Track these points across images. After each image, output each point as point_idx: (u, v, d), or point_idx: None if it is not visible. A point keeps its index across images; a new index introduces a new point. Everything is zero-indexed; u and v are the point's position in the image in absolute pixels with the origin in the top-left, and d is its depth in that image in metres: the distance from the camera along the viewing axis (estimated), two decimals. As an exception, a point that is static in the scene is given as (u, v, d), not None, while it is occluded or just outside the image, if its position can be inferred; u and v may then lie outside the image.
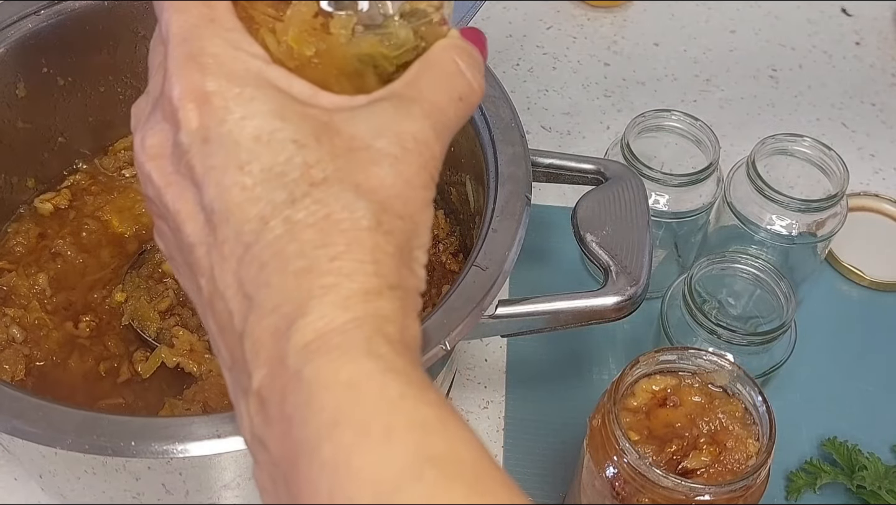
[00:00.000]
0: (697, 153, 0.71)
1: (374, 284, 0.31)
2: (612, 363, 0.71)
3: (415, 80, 0.36)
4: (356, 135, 0.34)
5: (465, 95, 0.37)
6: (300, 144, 0.32)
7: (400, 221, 0.33)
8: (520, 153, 0.58)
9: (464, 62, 0.37)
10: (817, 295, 0.76)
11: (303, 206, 0.32)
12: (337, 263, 0.31)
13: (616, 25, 0.99)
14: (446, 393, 0.67)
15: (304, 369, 0.30)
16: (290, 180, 0.32)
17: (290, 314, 0.31)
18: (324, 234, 0.31)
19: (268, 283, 0.31)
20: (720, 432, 0.52)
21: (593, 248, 0.56)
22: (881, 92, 0.94)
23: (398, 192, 0.33)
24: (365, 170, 0.33)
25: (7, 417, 0.45)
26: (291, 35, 0.35)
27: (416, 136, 0.35)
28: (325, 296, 0.31)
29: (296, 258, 0.31)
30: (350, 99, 0.35)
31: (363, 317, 0.31)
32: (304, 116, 0.33)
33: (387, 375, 0.30)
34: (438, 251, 0.69)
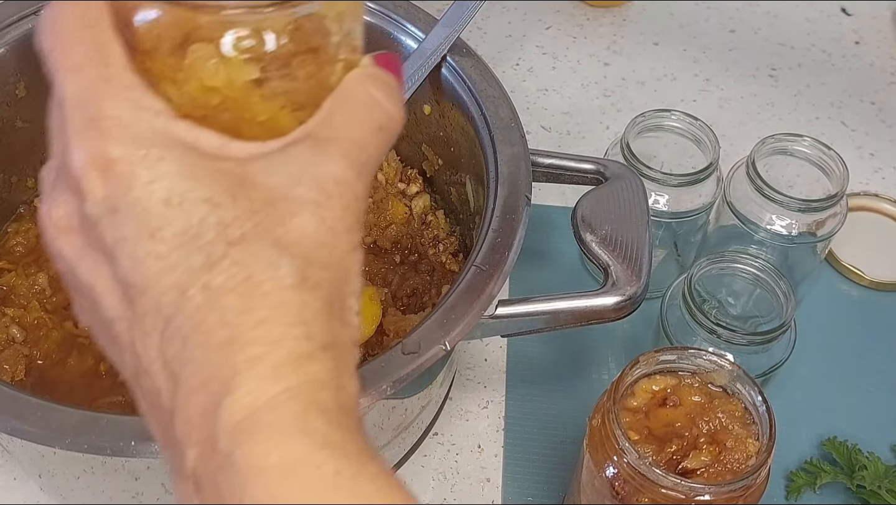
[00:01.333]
0: (697, 153, 0.71)
1: (304, 349, 0.30)
2: (612, 363, 0.71)
3: (329, 118, 0.34)
4: (273, 185, 0.32)
5: (384, 125, 0.35)
6: (214, 203, 0.30)
7: (326, 272, 0.31)
8: (520, 153, 0.58)
9: (379, 91, 0.35)
10: (817, 295, 0.76)
11: (221, 270, 0.30)
12: (262, 330, 0.29)
13: (615, 25, 0.99)
14: (446, 393, 0.67)
15: (235, 452, 0.28)
16: (206, 242, 0.30)
17: (218, 392, 0.29)
18: (246, 299, 0.29)
19: (192, 358, 0.29)
20: (720, 432, 0.52)
21: (593, 248, 0.56)
22: (881, 91, 0.94)
23: (322, 241, 0.32)
24: (285, 222, 0.31)
25: (7, 417, 0.45)
26: (194, 85, 0.33)
27: (337, 178, 0.32)
28: (252, 369, 0.29)
29: (218, 328, 0.29)
30: (262, 145, 0.33)
31: (295, 387, 0.29)
32: (216, 172, 0.31)
33: (322, 452, 0.28)
34: (438, 251, 0.69)
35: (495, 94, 0.62)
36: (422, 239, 0.70)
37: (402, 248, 0.70)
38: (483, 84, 0.62)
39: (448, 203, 0.72)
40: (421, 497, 0.64)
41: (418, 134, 0.71)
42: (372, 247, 0.69)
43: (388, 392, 0.47)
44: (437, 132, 0.68)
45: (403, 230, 0.70)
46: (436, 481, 0.64)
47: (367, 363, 0.48)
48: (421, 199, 0.72)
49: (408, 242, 0.70)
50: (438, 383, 0.63)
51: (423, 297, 0.67)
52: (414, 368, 0.48)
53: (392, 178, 0.73)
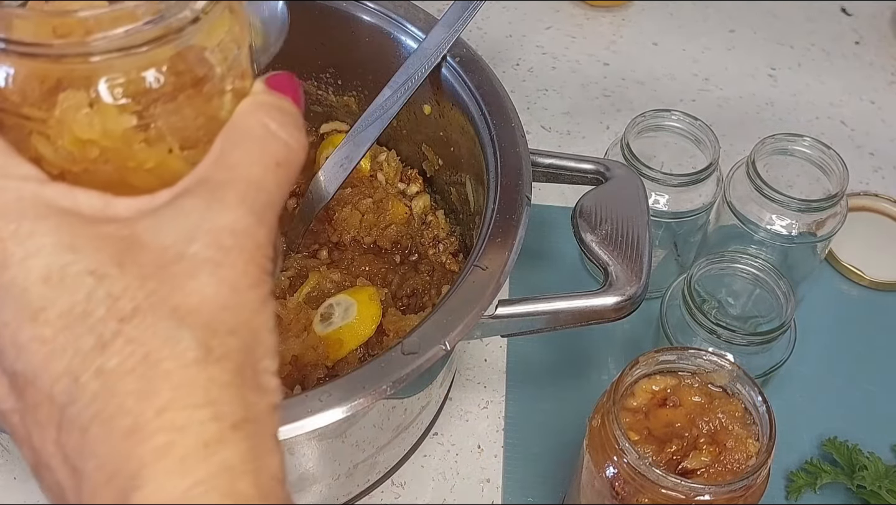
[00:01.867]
0: (697, 153, 0.71)
1: (212, 432, 0.27)
2: (612, 363, 0.71)
3: (221, 157, 0.31)
4: (165, 245, 0.28)
5: (283, 159, 0.32)
6: (99, 275, 0.27)
7: (233, 338, 0.28)
8: (520, 153, 0.58)
9: (274, 121, 0.32)
10: (817, 295, 0.76)
11: (115, 350, 0.27)
12: (165, 417, 0.27)
13: (615, 25, 0.99)
14: (446, 393, 0.67)
15: None
16: (97, 321, 0.27)
17: (125, 488, 0.26)
18: (146, 381, 0.27)
19: (94, 452, 0.27)
20: (720, 432, 0.51)
21: (593, 248, 0.56)
22: (881, 90, 0.94)
23: (224, 304, 0.28)
24: (182, 287, 0.28)
25: (6, 417, 0.45)
26: (68, 139, 0.29)
27: (234, 229, 0.29)
28: (159, 461, 0.26)
29: (119, 417, 0.26)
30: (151, 199, 0.30)
31: (206, 480, 0.26)
32: (98, 239, 0.28)
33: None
34: (438, 251, 0.69)
35: (495, 94, 0.62)
36: (422, 239, 0.70)
37: (402, 248, 0.70)
38: (483, 84, 0.62)
39: (448, 203, 0.72)
40: (420, 497, 0.64)
41: (418, 134, 0.71)
42: (372, 247, 0.69)
43: (388, 392, 0.47)
44: (437, 132, 0.68)
45: (403, 230, 0.70)
46: (436, 481, 0.64)
47: (367, 363, 0.48)
48: (421, 199, 0.72)
49: (408, 242, 0.70)
50: (438, 383, 0.63)
51: (423, 297, 0.67)
52: (414, 368, 0.48)
53: (392, 178, 0.73)
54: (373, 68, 0.69)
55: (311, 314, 0.61)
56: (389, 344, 0.60)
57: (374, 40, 0.67)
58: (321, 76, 0.73)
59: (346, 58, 0.70)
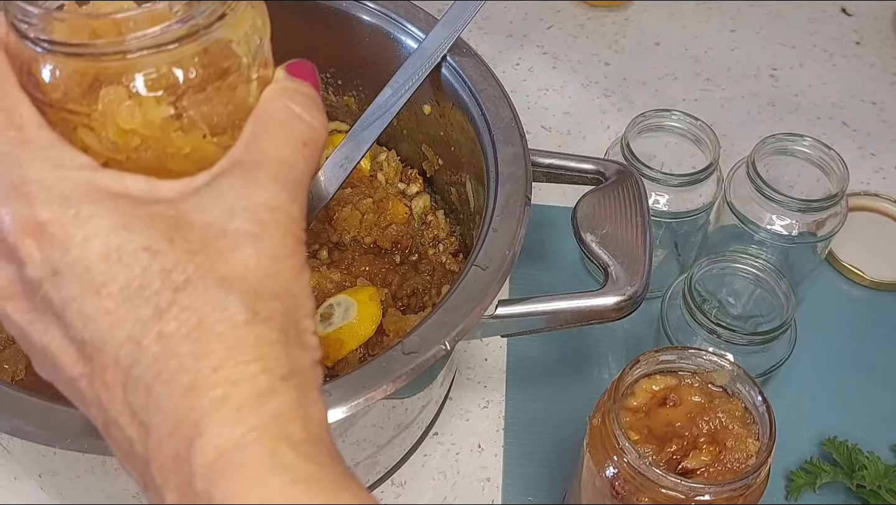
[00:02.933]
0: (697, 153, 0.71)
1: (264, 383, 0.30)
2: (612, 363, 0.71)
3: (252, 141, 0.34)
4: (209, 222, 0.32)
5: (309, 139, 0.35)
6: (153, 251, 0.31)
7: (277, 302, 0.32)
8: (520, 153, 0.58)
9: (298, 105, 0.35)
10: (817, 295, 0.76)
11: (172, 317, 0.30)
12: (223, 373, 0.30)
13: (616, 25, 0.99)
14: (446, 393, 0.67)
15: (213, 492, 0.29)
16: (153, 292, 0.30)
17: (188, 435, 0.29)
18: (201, 343, 0.30)
19: (159, 407, 0.30)
20: (720, 432, 0.52)
21: (593, 247, 0.56)
22: (881, 91, 0.94)
23: (266, 272, 0.32)
24: (227, 259, 0.31)
25: (7, 416, 0.45)
26: (112, 130, 0.33)
27: (270, 205, 0.33)
28: (217, 411, 0.29)
29: (179, 375, 0.30)
30: (192, 181, 0.33)
31: (261, 425, 0.29)
32: (149, 219, 0.31)
33: (295, 488, 0.29)
34: (438, 251, 0.69)
35: (495, 94, 0.62)
36: (422, 239, 0.70)
37: (402, 249, 0.70)
38: (483, 84, 0.62)
39: (448, 203, 0.72)
40: (421, 497, 0.64)
41: (418, 134, 0.71)
42: (372, 247, 0.69)
43: (388, 392, 0.47)
44: (437, 132, 0.68)
45: (403, 230, 0.70)
46: (436, 481, 0.64)
47: (367, 363, 0.48)
48: (421, 199, 0.72)
49: (408, 242, 0.70)
50: (438, 383, 0.63)
51: (423, 297, 0.67)
52: (414, 367, 0.48)
53: (392, 178, 0.73)
54: (373, 68, 0.69)
55: (311, 314, 0.61)
56: (389, 344, 0.60)
57: (374, 40, 0.67)
58: (321, 76, 0.72)
59: (346, 58, 0.70)
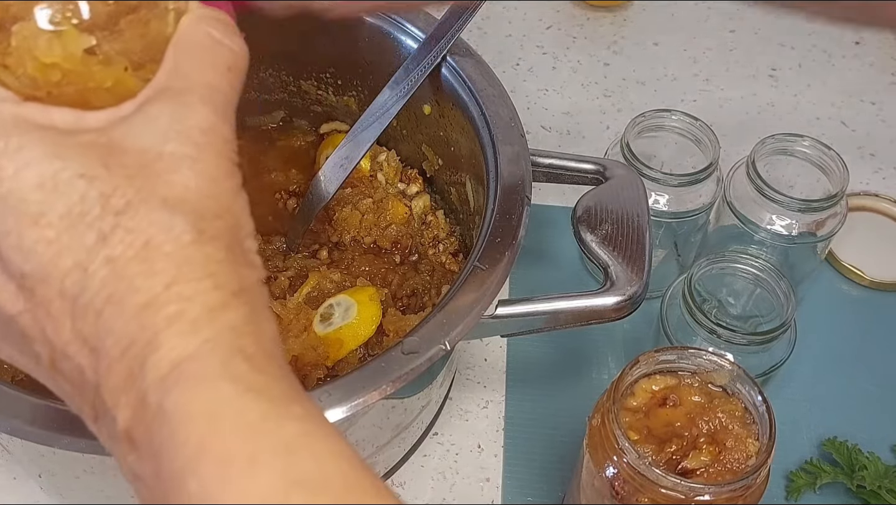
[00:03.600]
0: (697, 153, 0.71)
1: (216, 299, 0.30)
2: (612, 363, 0.71)
3: (176, 68, 0.34)
4: (143, 147, 0.31)
5: (232, 64, 0.35)
6: (89, 177, 0.30)
7: (220, 221, 0.32)
8: (520, 153, 0.58)
9: (218, 31, 0.35)
10: (817, 295, 0.76)
11: (117, 241, 0.30)
12: (175, 289, 0.30)
13: (616, 25, 0.99)
14: (446, 393, 0.67)
15: (164, 402, 0.29)
16: (94, 218, 0.30)
17: (141, 353, 0.29)
18: (150, 263, 0.30)
19: (109, 329, 0.30)
20: (720, 432, 0.51)
21: (593, 248, 0.56)
22: (881, 91, 0.94)
23: (207, 193, 0.32)
24: (167, 181, 0.31)
25: (7, 416, 0.45)
26: (30, 66, 0.32)
27: (202, 127, 0.32)
28: (171, 326, 0.29)
29: (130, 295, 0.30)
30: (117, 110, 0.33)
31: (215, 337, 0.29)
32: (81, 147, 0.31)
33: (246, 397, 0.29)
34: (438, 251, 0.69)
35: (495, 94, 0.62)
36: (422, 239, 0.70)
37: (402, 249, 0.70)
38: (483, 84, 0.62)
39: (448, 203, 0.72)
40: (420, 497, 0.64)
41: (418, 134, 0.71)
42: (372, 247, 0.69)
43: (388, 392, 0.47)
44: (437, 132, 0.68)
45: (403, 230, 0.70)
46: (436, 481, 0.64)
47: (367, 363, 0.48)
48: (421, 199, 0.72)
49: (408, 242, 0.70)
50: (438, 383, 0.63)
51: (423, 297, 0.67)
52: (414, 367, 0.48)
53: (392, 178, 0.73)
54: (373, 68, 0.69)
55: (311, 314, 0.62)
56: (389, 344, 0.60)
57: (374, 40, 0.67)
58: (321, 76, 0.73)
59: (346, 58, 0.70)
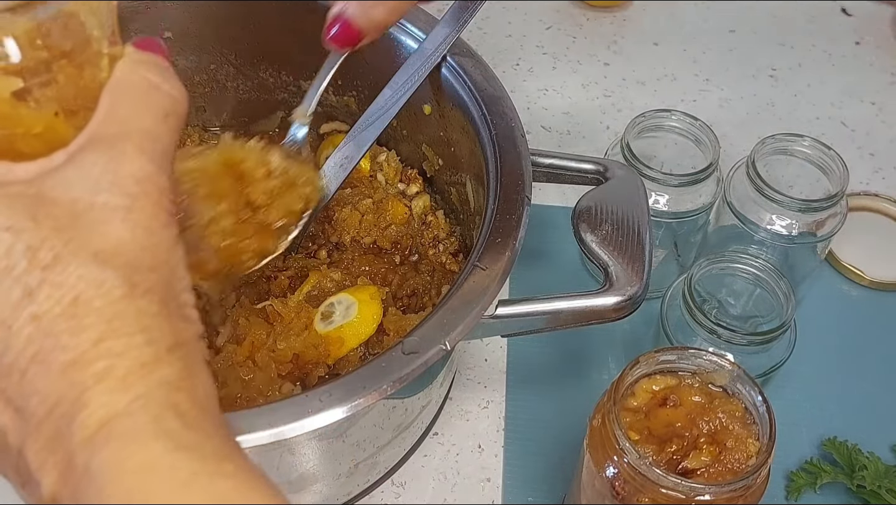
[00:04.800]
0: (697, 153, 0.71)
1: (149, 354, 0.29)
2: (612, 363, 0.71)
3: (111, 113, 0.33)
4: (74, 197, 0.30)
5: (171, 109, 0.34)
6: (16, 230, 0.29)
7: (154, 274, 0.31)
8: (520, 153, 0.58)
9: (155, 75, 0.34)
10: (817, 295, 0.76)
11: (44, 297, 0.29)
12: (104, 346, 0.29)
13: (616, 25, 0.99)
14: (446, 393, 0.67)
15: (92, 463, 0.28)
16: (21, 272, 0.29)
17: (69, 412, 0.28)
18: (78, 319, 0.29)
19: (35, 389, 0.29)
20: (720, 432, 0.51)
21: (593, 248, 0.56)
22: (881, 91, 0.94)
23: (142, 245, 0.31)
24: (100, 232, 0.30)
25: (7, 417, 0.45)
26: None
27: (138, 176, 0.31)
28: (100, 383, 0.28)
29: (57, 354, 0.29)
30: (48, 161, 0.32)
31: (146, 393, 0.29)
32: (7, 199, 0.30)
33: (177, 455, 0.28)
34: (438, 251, 0.69)
35: (495, 94, 0.62)
36: (422, 239, 0.70)
37: (402, 249, 0.70)
38: (483, 84, 0.62)
39: (448, 203, 0.72)
40: (421, 497, 0.64)
41: (418, 134, 0.71)
42: (372, 247, 0.69)
43: (388, 392, 0.47)
44: (437, 132, 0.68)
45: (403, 230, 0.70)
46: (436, 481, 0.64)
47: (367, 363, 0.48)
48: (421, 199, 0.72)
49: (408, 243, 0.70)
50: (438, 383, 0.63)
51: (423, 297, 0.67)
52: (414, 368, 0.48)
53: (392, 179, 0.73)
54: (373, 68, 0.68)
55: (311, 313, 0.61)
56: (390, 343, 0.60)
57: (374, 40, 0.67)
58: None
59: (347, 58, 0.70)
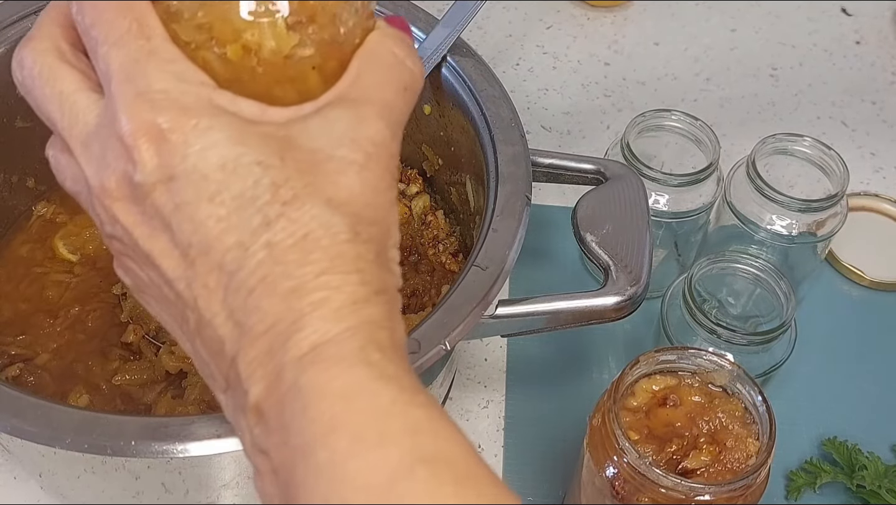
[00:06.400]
0: (697, 153, 0.71)
1: (361, 293, 0.32)
2: (612, 363, 0.71)
3: (359, 79, 0.36)
4: (316, 147, 0.34)
5: (409, 84, 0.37)
6: (265, 166, 0.33)
7: (374, 228, 0.34)
8: (520, 153, 0.58)
9: (401, 51, 0.37)
10: (817, 295, 0.76)
11: (280, 228, 0.32)
12: (324, 278, 0.32)
13: (616, 25, 0.99)
14: (446, 393, 0.67)
15: (300, 379, 0.30)
16: (263, 203, 0.32)
17: (285, 332, 0.31)
18: (306, 253, 0.32)
19: (258, 307, 0.32)
20: (720, 432, 0.52)
21: (593, 248, 0.56)
22: (881, 91, 0.94)
23: (367, 200, 0.34)
24: (333, 182, 0.33)
25: (7, 416, 0.45)
26: (231, 50, 0.34)
27: (375, 140, 0.35)
28: (316, 311, 0.31)
29: (282, 280, 0.32)
30: (298, 109, 0.35)
31: (355, 326, 0.31)
32: (262, 137, 0.33)
33: (379, 382, 0.31)
34: (438, 251, 0.69)
35: (495, 94, 0.62)
36: (422, 239, 0.70)
37: (401, 249, 0.69)
38: (483, 84, 0.62)
39: (448, 203, 0.72)
40: (421, 497, 0.64)
41: (418, 134, 0.71)
42: (372, 247, 0.69)
43: (388, 392, 0.47)
44: (437, 132, 0.68)
45: (403, 230, 0.70)
46: (436, 481, 0.64)
47: (367, 363, 0.48)
48: (421, 199, 0.72)
49: (408, 243, 0.70)
50: (438, 383, 0.63)
51: (423, 297, 0.67)
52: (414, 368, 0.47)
53: (392, 178, 0.72)
54: (373, 68, 0.68)
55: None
56: (389, 344, 0.60)
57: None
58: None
59: (347, 58, 0.70)
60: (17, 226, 0.69)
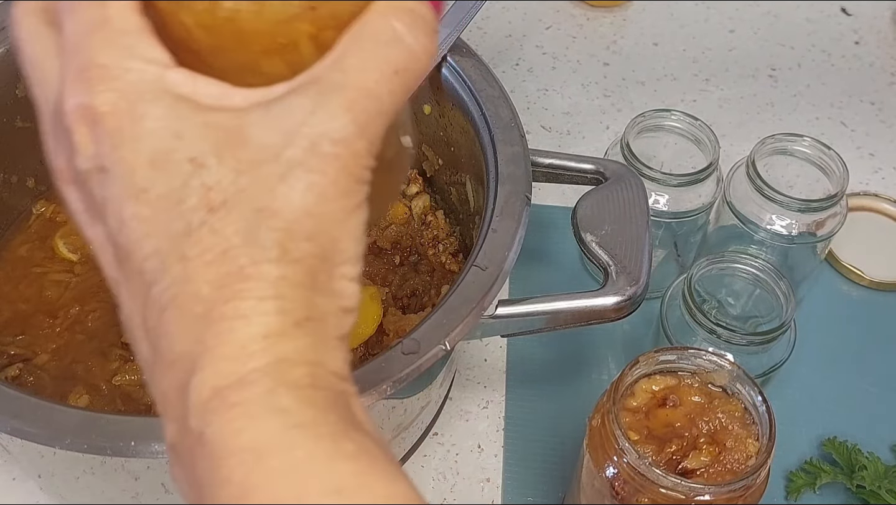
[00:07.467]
0: (697, 153, 0.71)
1: (275, 324, 0.28)
2: (612, 363, 0.71)
3: (340, 59, 0.30)
4: (267, 143, 0.29)
5: (402, 67, 0.30)
6: (198, 164, 0.28)
7: (310, 244, 0.29)
8: (520, 153, 0.58)
9: (403, 24, 0.30)
10: (817, 295, 0.76)
11: (199, 239, 0.28)
12: (232, 304, 0.28)
13: (615, 25, 0.99)
14: (446, 393, 0.67)
15: (205, 432, 0.27)
16: (188, 208, 0.28)
17: (187, 369, 0.28)
18: (222, 273, 0.28)
19: (167, 331, 0.28)
20: (720, 432, 0.52)
21: (593, 248, 0.56)
22: (880, 91, 0.94)
23: (308, 210, 0.29)
24: (271, 189, 0.29)
25: (6, 417, 0.45)
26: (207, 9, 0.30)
27: (334, 138, 0.29)
28: (220, 346, 0.27)
29: (192, 302, 0.28)
30: (268, 91, 0.30)
31: (262, 367, 0.27)
32: (204, 128, 0.29)
33: (293, 433, 0.27)
34: (438, 251, 0.69)
35: (495, 94, 0.62)
36: (422, 239, 0.70)
37: (402, 249, 0.70)
38: (483, 84, 0.62)
39: (448, 203, 0.72)
40: (421, 497, 0.64)
41: (418, 134, 0.71)
42: (372, 247, 0.69)
43: (388, 392, 0.47)
44: (437, 132, 0.68)
45: (403, 230, 0.70)
46: (436, 481, 0.64)
47: (367, 363, 0.48)
48: (421, 199, 0.72)
49: (408, 243, 0.70)
50: (438, 383, 0.63)
51: (423, 297, 0.67)
52: (414, 368, 0.48)
53: (392, 178, 0.72)
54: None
55: (311, 313, 0.61)
56: (389, 343, 0.60)
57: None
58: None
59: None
60: (16, 226, 0.69)
